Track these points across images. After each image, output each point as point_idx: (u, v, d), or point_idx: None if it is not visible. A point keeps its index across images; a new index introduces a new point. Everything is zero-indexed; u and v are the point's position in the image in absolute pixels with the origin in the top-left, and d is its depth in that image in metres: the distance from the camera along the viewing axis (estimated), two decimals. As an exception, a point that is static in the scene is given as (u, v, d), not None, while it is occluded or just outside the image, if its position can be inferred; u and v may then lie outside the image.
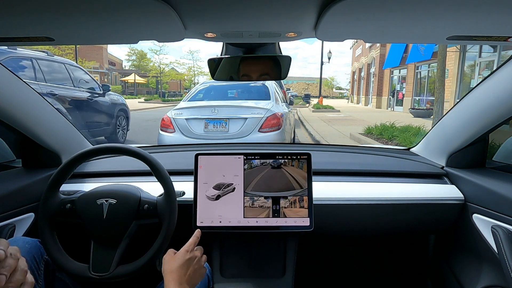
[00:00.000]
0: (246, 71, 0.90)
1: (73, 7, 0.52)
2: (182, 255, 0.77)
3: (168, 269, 0.74)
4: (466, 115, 1.08)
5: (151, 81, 33.11)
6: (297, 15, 0.59)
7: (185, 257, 0.77)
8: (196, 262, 0.79)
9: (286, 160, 1.02)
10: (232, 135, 3.67)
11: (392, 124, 7.38)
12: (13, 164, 1.20)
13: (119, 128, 6.09)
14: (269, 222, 0.99)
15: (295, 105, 15.49)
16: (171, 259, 0.77)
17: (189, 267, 0.76)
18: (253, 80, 0.93)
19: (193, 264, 0.78)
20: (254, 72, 0.91)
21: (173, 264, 0.75)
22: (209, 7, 0.55)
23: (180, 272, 0.74)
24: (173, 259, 0.76)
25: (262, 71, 0.91)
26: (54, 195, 0.89)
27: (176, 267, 0.74)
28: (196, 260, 0.79)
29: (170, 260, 0.77)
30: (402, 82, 16.77)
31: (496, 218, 0.94)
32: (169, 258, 0.77)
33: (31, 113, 1.02)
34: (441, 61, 7.44)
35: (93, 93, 5.47)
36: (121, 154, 0.94)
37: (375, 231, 1.21)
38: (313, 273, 1.47)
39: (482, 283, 0.99)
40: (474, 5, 0.50)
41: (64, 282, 0.86)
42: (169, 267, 0.75)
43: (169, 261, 0.76)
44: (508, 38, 0.67)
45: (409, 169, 1.23)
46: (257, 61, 0.91)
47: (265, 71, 0.91)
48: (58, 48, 16.39)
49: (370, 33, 0.67)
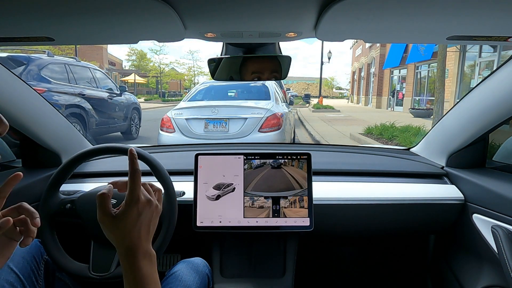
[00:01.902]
0: (246, 71, 0.90)
1: (73, 7, 0.52)
2: (134, 209, 0.53)
3: (121, 240, 0.52)
4: (466, 115, 1.08)
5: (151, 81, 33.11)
6: (297, 15, 0.59)
7: (138, 211, 0.53)
8: (155, 208, 0.57)
9: (286, 160, 1.02)
10: (232, 135, 3.68)
11: (392, 124, 7.39)
12: (13, 164, 1.20)
13: (132, 124, 6.87)
14: (269, 222, 0.99)
15: (295, 105, 15.49)
16: (117, 221, 0.52)
17: (145, 222, 0.54)
18: (253, 80, 0.93)
19: (151, 212, 0.56)
20: (254, 72, 0.91)
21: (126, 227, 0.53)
22: (209, 7, 0.55)
23: (141, 236, 0.53)
24: (124, 218, 0.52)
25: (262, 71, 0.91)
26: (54, 195, 0.89)
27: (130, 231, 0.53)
28: (153, 205, 0.57)
29: (117, 222, 0.52)
30: (402, 82, 16.78)
31: (496, 218, 0.94)
32: (111, 220, 0.52)
33: (31, 113, 1.02)
34: (441, 61, 7.44)
35: (112, 93, 6.23)
36: (121, 154, 0.94)
37: (375, 231, 1.21)
38: (313, 273, 1.47)
39: (482, 283, 0.99)
40: (474, 5, 0.50)
41: (64, 282, 0.87)
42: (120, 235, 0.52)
43: (116, 225, 0.52)
44: (508, 38, 0.67)
45: (409, 169, 1.23)
46: (257, 61, 0.91)
47: (265, 71, 0.91)
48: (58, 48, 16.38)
49: (370, 33, 0.67)
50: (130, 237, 0.52)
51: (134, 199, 0.53)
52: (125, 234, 0.52)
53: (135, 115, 7.01)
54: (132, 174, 0.53)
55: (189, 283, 0.84)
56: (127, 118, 6.65)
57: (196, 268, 0.90)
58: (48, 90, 4.59)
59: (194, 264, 0.91)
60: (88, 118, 5.24)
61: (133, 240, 0.52)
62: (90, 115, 5.32)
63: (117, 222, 0.52)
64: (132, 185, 0.53)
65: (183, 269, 0.87)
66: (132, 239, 0.52)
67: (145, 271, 0.52)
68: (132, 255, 0.52)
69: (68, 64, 5.29)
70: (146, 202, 0.55)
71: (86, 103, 5.24)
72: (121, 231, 0.52)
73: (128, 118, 6.67)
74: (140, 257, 0.52)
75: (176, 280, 0.83)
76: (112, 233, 0.53)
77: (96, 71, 6.15)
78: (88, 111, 5.25)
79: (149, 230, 0.56)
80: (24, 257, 0.77)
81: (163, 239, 0.86)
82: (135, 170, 0.54)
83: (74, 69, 5.41)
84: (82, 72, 5.66)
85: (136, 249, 0.52)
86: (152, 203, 0.56)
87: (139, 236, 0.53)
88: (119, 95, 6.40)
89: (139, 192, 0.54)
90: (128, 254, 0.52)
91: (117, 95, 6.35)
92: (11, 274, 0.72)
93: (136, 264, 0.52)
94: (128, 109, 6.68)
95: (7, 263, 0.72)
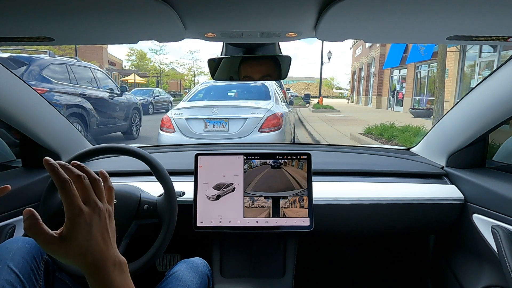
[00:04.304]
0: (246, 71, 0.90)
1: (73, 7, 0.52)
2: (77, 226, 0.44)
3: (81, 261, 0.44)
4: (466, 115, 1.08)
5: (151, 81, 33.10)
6: (297, 15, 0.59)
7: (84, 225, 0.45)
8: (105, 211, 0.48)
9: (286, 160, 1.02)
10: (232, 135, 3.67)
11: (392, 124, 7.38)
12: (13, 164, 1.20)
13: (133, 124, 6.92)
14: (269, 222, 0.99)
15: (295, 105, 15.49)
16: (65, 245, 0.43)
17: (97, 230, 0.46)
18: (253, 80, 0.93)
19: (103, 217, 0.47)
20: (254, 72, 0.91)
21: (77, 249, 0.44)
22: (209, 7, 0.55)
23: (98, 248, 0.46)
24: (70, 243, 0.43)
25: (262, 71, 0.91)
26: (54, 195, 0.89)
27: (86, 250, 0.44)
28: (102, 210, 0.48)
29: (65, 246, 0.43)
30: (402, 82, 16.77)
31: (496, 218, 0.94)
32: (60, 246, 0.43)
33: (31, 113, 1.02)
34: (441, 61, 7.44)
35: (112, 93, 6.25)
36: (121, 154, 0.94)
37: (375, 231, 1.21)
38: (313, 273, 1.47)
39: (482, 283, 0.99)
40: (474, 5, 0.50)
41: (64, 282, 0.86)
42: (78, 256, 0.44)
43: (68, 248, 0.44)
44: (508, 38, 0.67)
45: (409, 169, 1.23)
46: (257, 61, 0.91)
47: (265, 71, 0.91)
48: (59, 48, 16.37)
49: (370, 33, 0.67)
50: (90, 251, 0.45)
51: (75, 212, 0.44)
52: (83, 251, 0.44)
53: (136, 115, 7.08)
54: (61, 186, 0.44)
55: (189, 283, 0.84)
56: (128, 118, 6.71)
57: (196, 268, 0.90)
58: (50, 90, 4.60)
59: (194, 264, 0.91)
60: (89, 118, 5.27)
61: (95, 253, 0.45)
62: (91, 115, 5.35)
63: (68, 243, 0.43)
64: (66, 198, 0.44)
65: (183, 269, 0.87)
66: (94, 253, 0.45)
67: (118, 282, 0.46)
68: (100, 269, 0.45)
69: (69, 64, 5.31)
70: (91, 210, 0.46)
71: (87, 103, 5.27)
72: (78, 250, 0.44)
73: (129, 118, 6.74)
74: (110, 269, 0.46)
75: (176, 280, 0.83)
76: (68, 257, 0.44)
77: (97, 71, 6.16)
78: (89, 111, 5.28)
79: (109, 235, 0.48)
80: (24, 257, 0.77)
81: (163, 239, 0.86)
82: (62, 180, 0.44)
83: (75, 69, 5.42)
84: (83, 72, 5.67)
85: (103, 260, 0.45)
86: (99, 208, 0.47)
87: (100, 246, 0.46)
88: (119, 95, 6.45)
89: (79, 203, 0.45)
90: (96, 270, 0.45)
91: (117, 95, 6.39)
92: (11, 274, 0.72)
93: (107, 278, 0.45)
94: (129, 109, 6.74)
95: (7, 263, 0.72)
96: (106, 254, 0.46)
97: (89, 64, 6.10)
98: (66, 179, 0.44)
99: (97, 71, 6.16)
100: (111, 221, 0.50)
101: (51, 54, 5.10)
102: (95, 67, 6.25)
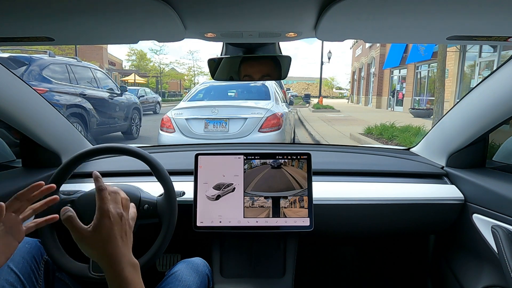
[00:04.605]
0: (246, 71, 0.90)
1: (73, 7, 0.52)
2: (104, 226, 0.56)
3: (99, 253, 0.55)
4: (466, 115, 1.08)
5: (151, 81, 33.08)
6: (297, 15, 0.59)
7: (109, 227, 0.56)
8: (126, 221, 0.60)
9: (286, 160, 1.02)
10: (232, 135, 3.67)
11: (392, 124, 7.38)
12: (13, 164, 1.20)
13: (133, 124, 6.95)
14: (269, 222, 0.99)
15: (295, 105, 15.48)
16: (92, 237, 0.55)
17: (118, 235, 0.56)
18: (253, 80, 0.93)
19: (124, 225, 0.58)
20: (254, 72, 0.91)
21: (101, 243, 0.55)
22: (209, 7, 0.55)
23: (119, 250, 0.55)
24: (95, 237, 0.55)
25: (262, 71, 0.91)
26: (54, 195, 0.89)
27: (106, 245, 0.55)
28: (124, 219, 0.59)
29: (91, 238, 0.55)
30: (402, 82, 16.77)
31: (496, 218, 0.94)
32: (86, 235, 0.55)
33: (31, 113, 1.02)
34: (441, 61, 7.44)
35: (112, 93, 6.26)
36: (121, 154, 0.94)
37: (375, 231, 1.21)
38: (313, 273, 1.47)
39: (482, 283, 0.99)
40: (474, 5, 0.50)
41: (64, 282, 0.86)
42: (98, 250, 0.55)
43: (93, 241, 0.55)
44: (508, 38, 0.67)
45: (409, 169, 1.23)
46: (257, 61, 0.91)
47: (265, 71, 0.91)
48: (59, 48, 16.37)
49: (370, 33, 0.67)
50: (111, 245, 0.55)
51: (104, 212, 0.56)
52: (105, 244, 0.54)
53: (136, 115, 7.09)
54: (99, 192, 0.58)
55: (189, 283, 0.84)
56: (128, 118, 6.72)
57: (196, 268, 0.90)
58: (50, 90, 4.60)
59: (194, 264, 0.91)
60: (89, 118, 5.27)
61: (115, 248, 0.55)
62: (91, 115, 5.34)
63: (94, 235, 0.55)
64: (100, 201, 0.57)
65: (183, 269, 0.87)
66: (114, 247, 0.55)
67: (131, 278, 0.53)
68: (116, 262, 0.54)
69: (69, 64, 5.32)
70: (117, 215, 0.58)
71: (87, 103, 5.28)
72: (101, 242, 0.54)
73: (129, 118, 6.75)
74: (124, 264, 0.54)
75: (176, 280, 0.83)
76: (92, 247, 0.55)
77: (97, 71, 6.17)
78: (89, 111, 5.28)
79: (127, 239, 0.58)
80: (24, 257, 0.77)
81: (163, 239, 0.86)
82: (101, 188, 0.58)
83: (75, 69, 5.43)
84: (83, 72, 5.67)
85: (119, 256, 0.54)
86: (122, 215, 0.59)
87: (118, 243, 0.56)
88: (119, 95, 6.46)
89: (108, 206, 0.57)
90: (112, 262, 0.54)
91: (117, 95, 6.40)
92: (11, 274, 0.72)
93: (121, 271, 0.53)
94: (129, 109, 6.75)
95: (7, 263, 0.72)
96: (122, 250, 0.55)
97: (89, 64, 6.12)
98: (104, 187, 0.58)
99: (97, 71, 6.18)
100: (130, 231, 0.60)
101: (51, 54, 5.10)
102: (95, 67, 6.27)
